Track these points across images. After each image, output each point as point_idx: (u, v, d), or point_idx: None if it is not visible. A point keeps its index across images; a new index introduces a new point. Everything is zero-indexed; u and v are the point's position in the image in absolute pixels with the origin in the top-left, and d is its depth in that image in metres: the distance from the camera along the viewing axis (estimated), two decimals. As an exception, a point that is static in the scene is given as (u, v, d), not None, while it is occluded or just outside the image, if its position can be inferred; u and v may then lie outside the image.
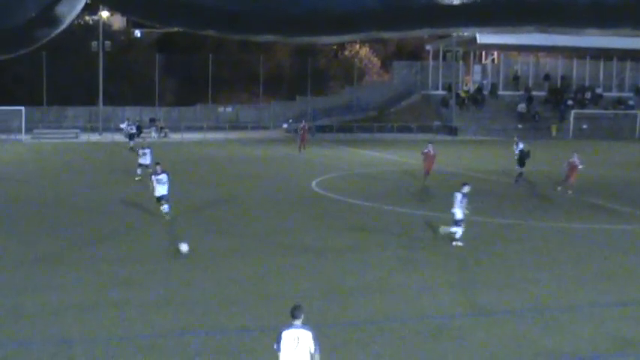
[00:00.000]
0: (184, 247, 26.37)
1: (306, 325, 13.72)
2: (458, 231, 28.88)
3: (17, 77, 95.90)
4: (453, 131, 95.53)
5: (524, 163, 47.99)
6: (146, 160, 46.59)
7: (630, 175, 53.69)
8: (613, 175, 53.23)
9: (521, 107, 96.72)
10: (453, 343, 18.19)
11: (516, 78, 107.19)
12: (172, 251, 26.91)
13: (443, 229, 29.67)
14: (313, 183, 46.00)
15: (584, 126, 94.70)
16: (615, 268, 26.15)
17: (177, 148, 71.45)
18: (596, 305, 21.79)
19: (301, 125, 72.16)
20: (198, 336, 18.37)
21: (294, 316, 13.71)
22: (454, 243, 28.75)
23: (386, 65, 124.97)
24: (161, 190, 32.82)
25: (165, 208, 32.83)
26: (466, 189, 29.18)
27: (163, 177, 32.91)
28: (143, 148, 48.80)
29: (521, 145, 56.04)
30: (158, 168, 33.45)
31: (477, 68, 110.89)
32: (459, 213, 28.83)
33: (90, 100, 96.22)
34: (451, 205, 29.04)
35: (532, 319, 20.38)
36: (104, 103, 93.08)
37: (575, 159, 43.32)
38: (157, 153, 50.26)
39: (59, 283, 22.96)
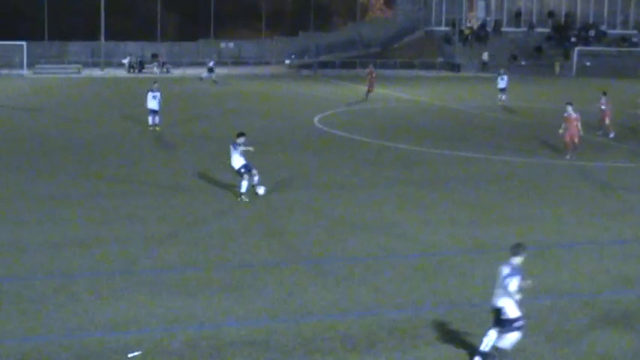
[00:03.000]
0: (261, 190, 25.81)
1: (517, 269, 13.80)
2: None
3: (18, 12, 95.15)
4: (455, 68, 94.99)
5: None
6: (155, 105, 40.70)
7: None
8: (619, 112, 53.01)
9: (484, 56, 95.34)
10: (453, 278, 18.24)
11: (519, 14, 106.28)
12: (174, 186, 26.93)
13: None
14: (316, 119, 45.85)
15: (588, 63, 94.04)
16: (617, 206, 26.19)
17: (179, 84, 71.04)
18: (596, 243, 21.85)
19: (368, 69, 67.05)
20: (200, 271, 18.45)
21: (511, 253, 13.97)
22: None
23: (389, 1, 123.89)
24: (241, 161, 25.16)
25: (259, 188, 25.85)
26: None
27: (249, 148, 25.28)
28: (153, 90, 41.20)
29: (505, 78, 56.72)
30: (242, 140, 25.03)
31: (481, 4, 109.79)
32: None
33: (92, 36, 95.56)
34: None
35: (533, 256, 20.39)
36: (106, 39, 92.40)
37: (603, 101, 41.10)
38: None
39: (61, 217, 23.00)
